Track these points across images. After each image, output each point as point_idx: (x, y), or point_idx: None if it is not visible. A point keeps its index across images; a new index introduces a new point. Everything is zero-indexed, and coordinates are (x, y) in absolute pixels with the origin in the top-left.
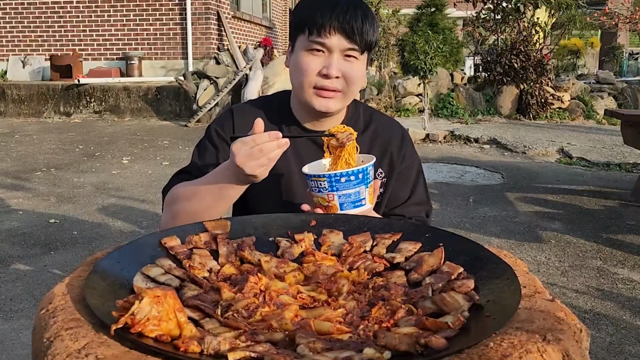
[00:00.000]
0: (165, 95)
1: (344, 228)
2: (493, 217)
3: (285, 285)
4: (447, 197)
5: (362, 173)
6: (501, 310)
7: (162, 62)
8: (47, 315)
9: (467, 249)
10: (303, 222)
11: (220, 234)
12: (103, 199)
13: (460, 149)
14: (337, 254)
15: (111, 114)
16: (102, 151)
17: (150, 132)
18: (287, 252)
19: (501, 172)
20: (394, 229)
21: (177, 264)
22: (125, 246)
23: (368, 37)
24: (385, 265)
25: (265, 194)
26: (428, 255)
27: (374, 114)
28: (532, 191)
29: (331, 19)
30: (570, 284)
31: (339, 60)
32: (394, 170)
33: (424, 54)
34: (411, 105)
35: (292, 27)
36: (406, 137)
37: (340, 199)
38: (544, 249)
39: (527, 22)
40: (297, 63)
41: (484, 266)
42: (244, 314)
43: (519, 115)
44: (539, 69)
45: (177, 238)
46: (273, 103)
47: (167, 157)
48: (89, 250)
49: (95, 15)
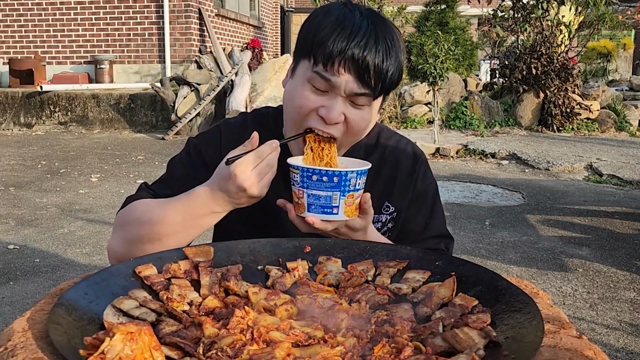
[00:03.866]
0: (139, 104)
1: (342, 255)
2: (512, 242)
3: (276, 320)
4: (460, 219)
5: (338, 177)
6: (521, 348)
7: (136, 67)
8: (6, 354)
9: (483, 279)
10: (296, 248)
11: (202, 261)
12: (69, 221)
13: (474, 165)
14: (335, 285)
15: (78, 126)
16: (67, 168)
17: (122, 146)
18: (278, 282)
19: (521, 191)
20: (399, 256)
21: (154, 296)
22: (94, 275)
23: (387, 79)
24: (390, 297)
25: (250, 223)
26: (438, 286)
27: (382, 133)
28: (557, 213)
29: (343, 51)
30: (600, 318)
31: (343, 104)
32: (405, 199)
33: (433, 57)
34: (419, 116)
35: (297, 44)
36: (419, 157)
37: (309, 198)
38: (570, 278)
39: (550, 21)
40: (293, 93)
41: (501, 298)
42: (229, 352)
43: (542, 126)
44: (563, 75)
45: (153, 266)
46: (268, 120)
47: (142, 175)
48: (53, 280)
49: (60, 13)
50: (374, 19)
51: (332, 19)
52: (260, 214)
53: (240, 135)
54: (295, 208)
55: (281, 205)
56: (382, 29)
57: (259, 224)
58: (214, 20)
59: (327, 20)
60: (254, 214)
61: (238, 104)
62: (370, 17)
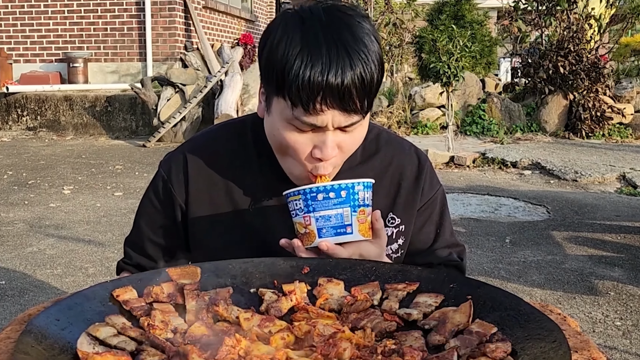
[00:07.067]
0: (117, 107)
1: (345, 276)
2: (536, 262)
3: (271, 349)
4: (477, 236)
5: (346, 190)
6: None
7: (114, 65)
8: None
9: (503, 303)
10: (293, 269)
11: (187, 284)
12: (38, 239)
13: (493, 176)
14: (337, 310)
15: (49, 131)
16: (37, 178)
17: (98, 154)
18: (273, 307)
19: (546, 205)
20: (409, 277)
21: (133, 322)
22: (66, 299)
23: (373, 89)
24: (399, 323)
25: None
26: (453, 311)
27: (381, 136)
28: (586, 229)
29: (321, 87)
30: (635, 347)
31: (334, 135)
32: (412, 210)
33: (447, 54)
34: (431, 121)
35: (263, 73)
36: (424, 162)
37: (317, 222)
38: (601, 303)
39: (579, 14)
40: (279, 137)
41: (524, 325)
42: None
43: (569, 132)
44: (593, 74)
45: (132, 289)
46: (245, 131)
47: (120, 186)
48: (21, 305)
49: (28, 5)
50: (336, 25)
51: (295, 47)
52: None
53: (209, 160)
54: (302, 241)
55: (285, 245)
56: (348, 32)
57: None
58: (201, 14)
59: (290, 50)
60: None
61: (228, 107)
62: (332, 26)
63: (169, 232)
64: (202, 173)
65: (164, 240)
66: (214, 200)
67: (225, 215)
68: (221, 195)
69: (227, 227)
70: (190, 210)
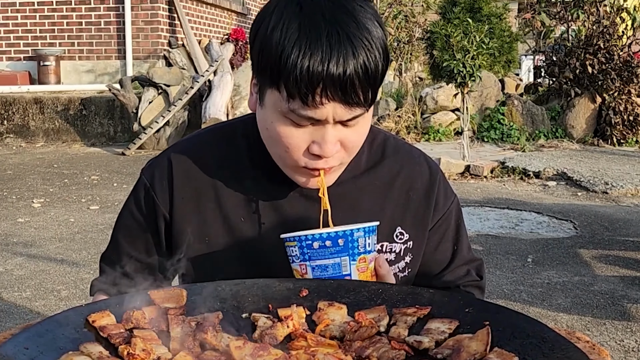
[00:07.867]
0: (93, 110)
1: (348, 299)
2: (561, 283)
3: None
4: (495, 255)
5: (344, 238)
6: None
7: (90, 64)
8: None
9: (525, 330)
10: (290, 291)
11: (172, 308)
12: (5, 258)
13: (514, 187)
14: (339, 337)
15: (17, 137)
16: (3, 190)
17: (72, 163)
18: (267, 334)
19: (573, 220)
20: (420, 300)
21: (111, 351)
22: (36, 325)
23: (377, 80)
24: (408, 352)
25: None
26: (469, 339)
27: (388, 143)
28: (617, 247)
29: (321, 78)
30: None
31: (335, 130)
32: (423, 226)
33: (462, 51)
34: (444, 125)
35: (255, 62)
36: (435, 173)
37: (314, 271)
38: (634, 329)
39: (609, 7)
40: (272, 131)
41: (548, 354)
42: None
43: (598, 139)
44: (626, 74)
45: (110, 314)
46: (235, 136)
47: (97, 199)
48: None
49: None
50: (337, 10)
51: (292, 34)
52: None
53: (196, 166)
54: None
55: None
56: (350, 18)
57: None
58: (187, 6)
59: (287, 37)
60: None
61: (217, 111)
62: (333, 10)
63: (150, 246)
64: (188, 180)
65: (145, 255)
66: (201, 209)
67: (214, 225)
68: (210, 204)
69: (216, 239)
70: (175, 220)
